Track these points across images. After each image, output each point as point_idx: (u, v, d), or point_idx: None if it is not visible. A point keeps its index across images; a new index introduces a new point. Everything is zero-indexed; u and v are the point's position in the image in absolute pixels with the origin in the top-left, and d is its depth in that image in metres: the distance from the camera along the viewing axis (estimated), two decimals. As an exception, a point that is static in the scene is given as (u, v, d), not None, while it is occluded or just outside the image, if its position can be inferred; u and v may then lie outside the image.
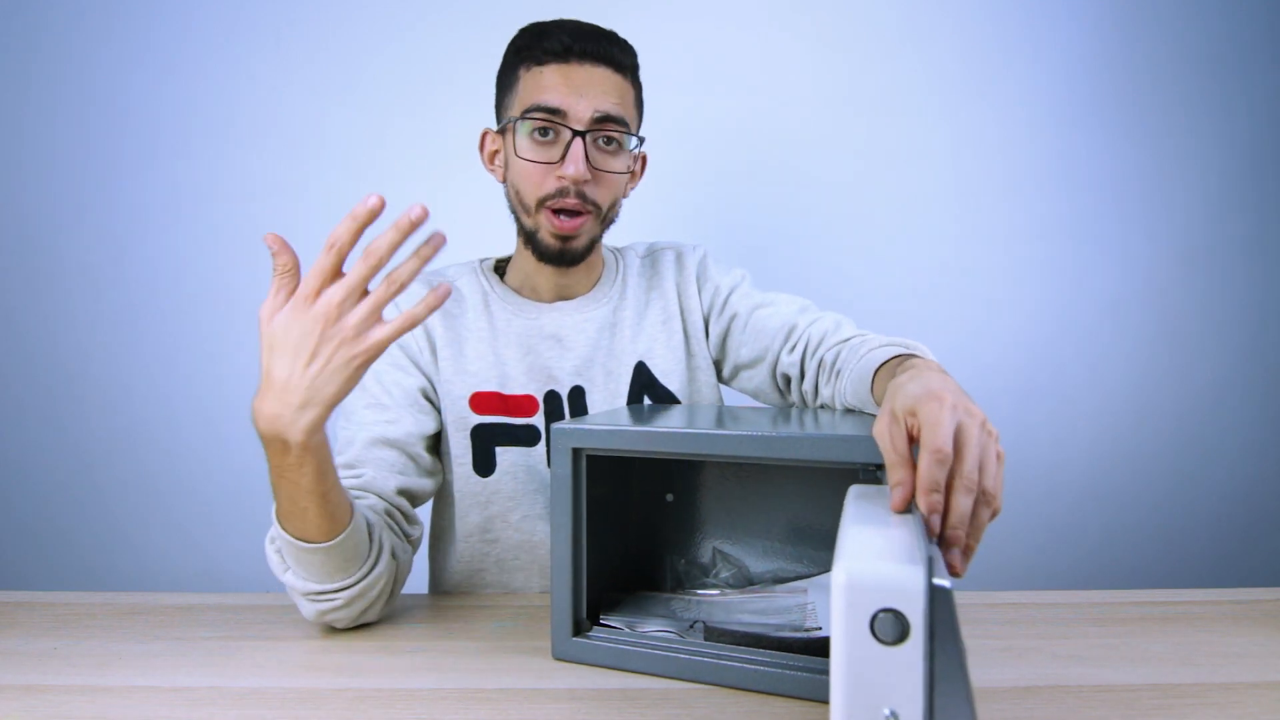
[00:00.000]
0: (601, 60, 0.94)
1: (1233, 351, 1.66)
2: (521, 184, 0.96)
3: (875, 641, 0.40)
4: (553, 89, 0.92)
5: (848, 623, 0.41)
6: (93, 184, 1.60)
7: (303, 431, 0.70)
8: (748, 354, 1.02)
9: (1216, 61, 1.62)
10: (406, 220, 0.65)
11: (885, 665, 0.40)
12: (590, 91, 0.93)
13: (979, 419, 0.57)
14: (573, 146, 0.92)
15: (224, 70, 1.59)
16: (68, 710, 0.67)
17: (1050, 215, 1.64)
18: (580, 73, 0.93)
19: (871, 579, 0.41)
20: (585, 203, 0.94)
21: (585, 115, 0.92)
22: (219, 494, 1.62)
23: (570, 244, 0.96)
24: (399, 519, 0.90)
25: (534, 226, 0.97)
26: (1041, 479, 1.66)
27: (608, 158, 0.96)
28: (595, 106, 0.92)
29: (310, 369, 0.68)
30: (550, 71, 0.93)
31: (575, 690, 0.69)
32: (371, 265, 0.67)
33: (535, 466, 0.99)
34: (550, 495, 0.68)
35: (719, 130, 1.61)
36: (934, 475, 0.53)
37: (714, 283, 1.07)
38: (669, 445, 0.69)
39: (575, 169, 0.92)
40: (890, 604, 0.40)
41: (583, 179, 0.92)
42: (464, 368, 1.00)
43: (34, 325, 1.62)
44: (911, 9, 1.61)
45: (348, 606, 0.80)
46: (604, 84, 0.94)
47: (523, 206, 0.97)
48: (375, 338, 0.68)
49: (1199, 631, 0.81)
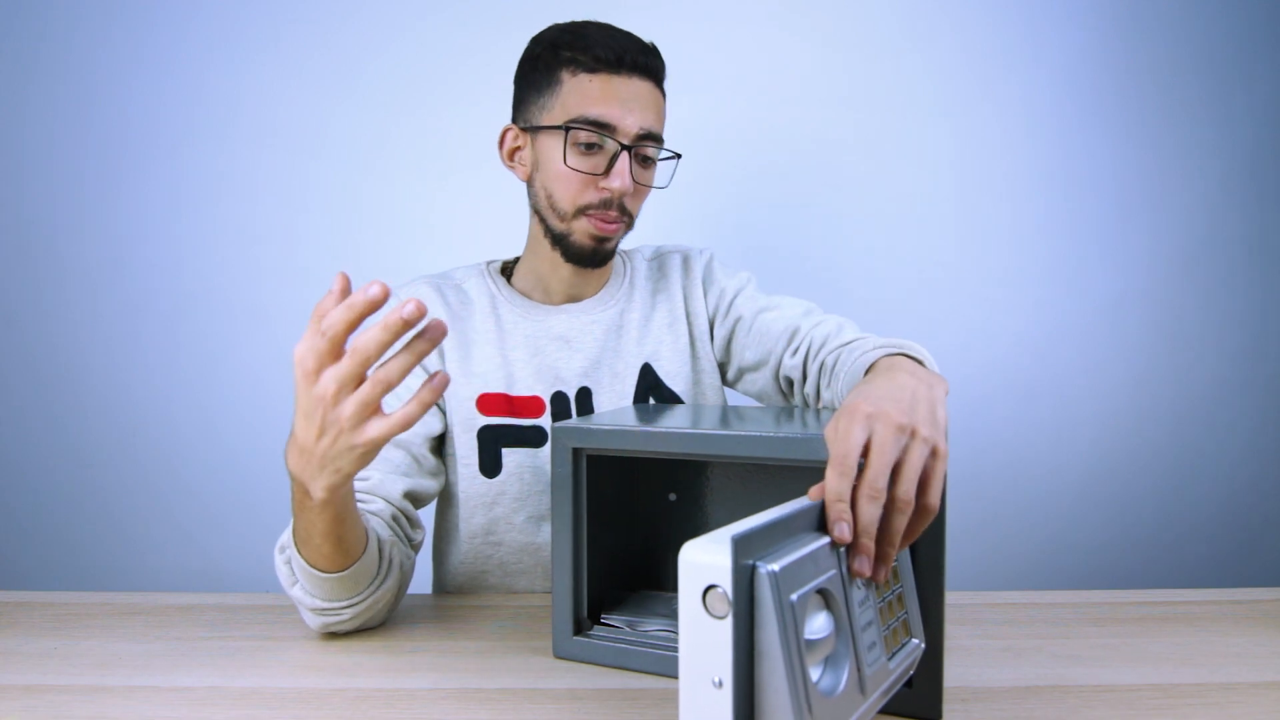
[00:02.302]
0: (647, 74, 0.95)
1: (1233, 351, 1.66)
2: (559, 190, 0.96)
3: (706, 614, 0.44)
4: (603, 101, 0.92)
5: (685, 596, 0.45)
6: (93, 184, 1.60)
7: (324, 490, 0.70)
8: (752, 357, 1.02)
9: (1216, 62, 1.62)
10: (398, 319, 0.61)
11: (715, 636, 0.44)
12: (636, 107, 0.93)
13: (895, 424, 0.55)
14: (620, 161, 0.93)
15: (224, 70, 1.59)
16: (68, 710, 0.67)
17: (1051, 215, 1.64)
18: (629, 86, 0.93)
19: (701, 557, 0.45)
20: (624, 214, 0.96)
21: (632, 130, 0.93)
22: (219, 494, 1.62)
23: (605, 245, 0.98)
24: (404, 524, 0.91)
25: (566, 230, 0.97)
26: (1041, 479, 1.66)
27: (646, 171, 0.98)
28: (641, 123, 0.93)
29: (320, 444, 0.67)
30: (600, 82, 0.93)
31: (576, 690, 0.69)
32: (360, 363, 0.63)
33: (542, 468, 0.99)
34: (552, 494, 0.68)
35: (723, 132, 1.61)
36: (836, 486, 0.53)
37: (719, 285, 1.07)
38: (668, 445, 0.69)
39: (622, 183, 0.93)
40: (714, 581, 0.44)
41: (629, 193, 0.94)
42: (471, 369, 1.00)
43: (34, 325, 1.62)
44: (913, 11, 1.61)
45: (353, 620, 0.81)
46: (648, 99, 0.95)
47: (556, 212, 0.97)
48: (371, 434, 0.65)
49: (1199, 631, 0.81)
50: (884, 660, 0.53)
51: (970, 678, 0.70)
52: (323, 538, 0.75)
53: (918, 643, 0.60)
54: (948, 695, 0.65)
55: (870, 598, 0.54)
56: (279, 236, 1.61)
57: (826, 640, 0.49)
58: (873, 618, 0.53)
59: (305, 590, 0.79)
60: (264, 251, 1.61)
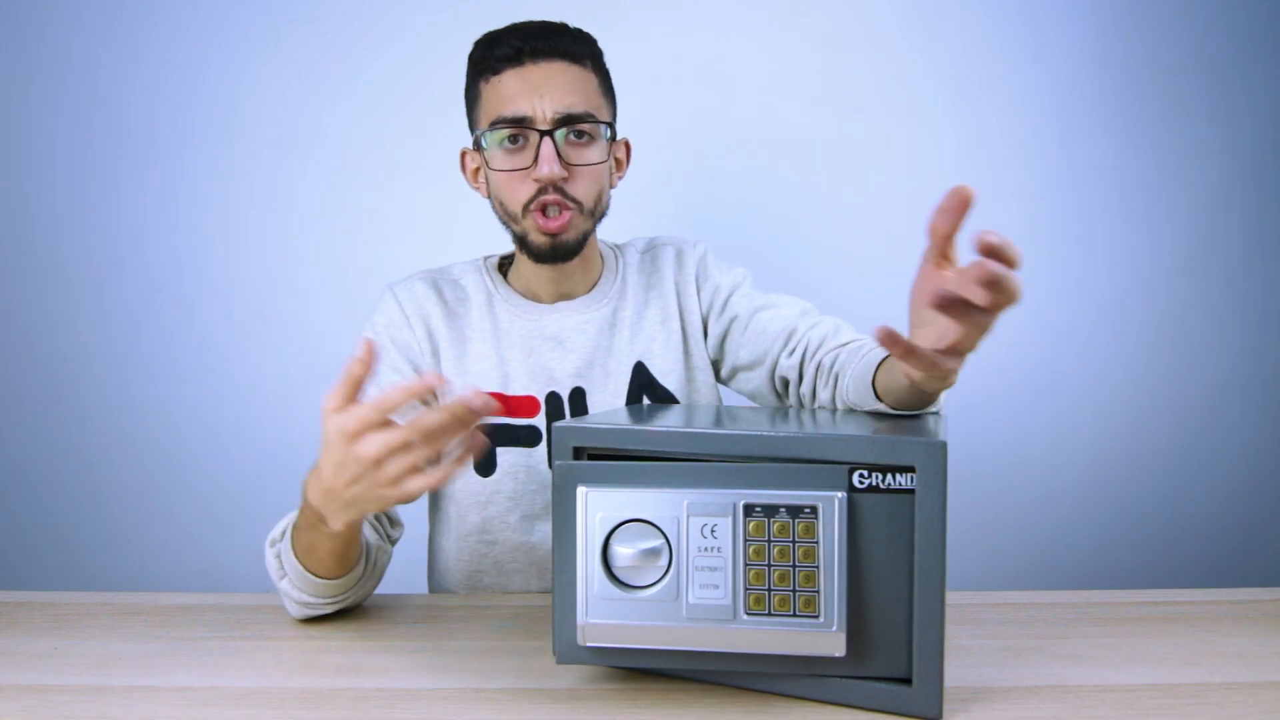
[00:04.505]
0: (556, 55, 0.94)
1: (1233, 351, 1.66)
2: (502, 194, 0.96)
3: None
4: (512, 96, 0.92)
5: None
6: (93, 184, 1.60)
7: (342, 524, 0.74)
8: (747, 356, 1.02)
9: (1217, 63, 1.62)
10: (468, 411, 0.65)
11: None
12: (549, 90, 0.92)
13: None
14: (542, 148, 0.92)
15: (224, 70, 1.59)
16: (68, 710, 0.67)
17: (1051, 216, 1.64)
18: (536, 73, 0.93)
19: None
20: (566, 199, 0.94)
21: (548, 114, 0.92)
22: (219, 494, 1.62)
23: (560, 239, 0.96)
24: (384, 523, 0.94)
25: (522, 231, 0.97)
26: (1041, 479, 1.66)
27: (581, 150, 0.95)
28: (555, 106, 0.92)
29: (350, 490, 0.69)
30: (507, 78, 0.93)
31: (575, 690, 0.69)
32: (417, 440, 0.66)
33: (536, 467, 0.99)
34: (552, 494, 0.69)
35: (721, 131, 1.61)
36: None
37: (714, 282, 1.07)
38: (669, 445, 0.70)
39: (549, 169, 0.92)
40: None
41: (558, 177, 0.93)
42: (467, 368, 1.00)
43: (35, 325, 1.62)
44: (912, 10, 1.61)
45: (332, 610, 0.86)
46: (562, 79, 0.93)
47: (508, 215, 0.98)
48: (409, 489, 0.67)
49: (1199, 631, 0.81)
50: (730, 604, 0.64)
51: (970, 678, 0.70)
52: (328, 554, 0.79)
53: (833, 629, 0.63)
54: (948, 695, 0.65)
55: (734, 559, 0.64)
56: (279, 236, 1.61)
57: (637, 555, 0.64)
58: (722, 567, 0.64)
59: (294, 585, 0.82)
60: (264, 251, 1.61)
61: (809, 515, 0.63)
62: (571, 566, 0.67)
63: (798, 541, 0.63)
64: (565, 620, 0.68)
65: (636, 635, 0.66)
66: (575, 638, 0.67)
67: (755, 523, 0.64)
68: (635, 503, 0.65)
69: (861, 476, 0.64)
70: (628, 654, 0.67)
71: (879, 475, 0.64)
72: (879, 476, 0.64)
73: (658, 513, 0.65)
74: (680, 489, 0.65)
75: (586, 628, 0.66)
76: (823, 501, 0.63)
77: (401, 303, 1.02)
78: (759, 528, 0.64)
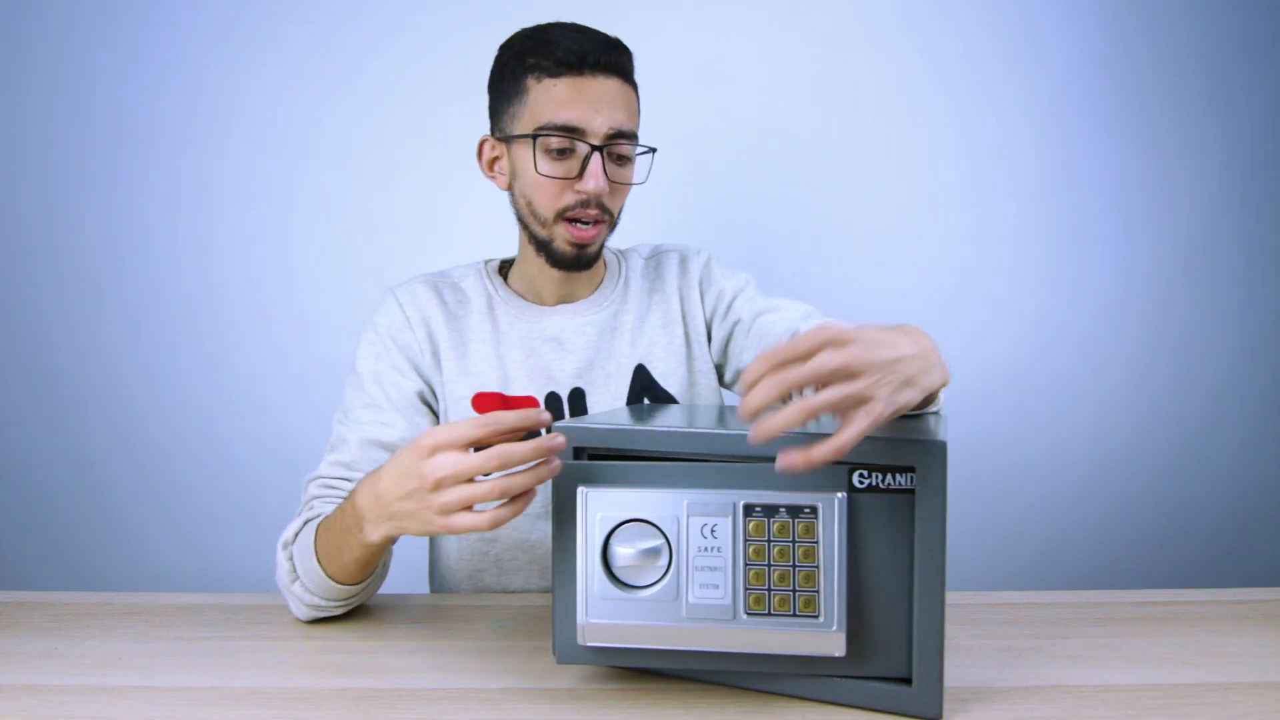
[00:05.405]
0: (613, 71, 0.94)
1: (1233, 351, 1.66)
2: (537, 197, 0.96)
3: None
4: (569, 105, 0.92)
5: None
6: (93, 184, 1.60)
7: (379, 536, 0.75)
8: (750, 359, 1.02)
9: (1217, 62, 1.62)
10: (549, 446, 0.66)
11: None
12: (604, 106, 0.92)
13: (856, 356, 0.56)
14: (592, 163, 0.92)
15: (224, 70, 1.59)
16: (68, 710, 0.67)
17: (1052, 216, 1.64)
18: (594, 86, 0.92)
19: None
20: (603, 213, 0.96)
21: (602, 130, 0.92)
22: (219, 494, 1.62)
23: (586, 250, 0.97)
24: None
25: (549, 236, 0.97)
26: (1041, 479, 1.66)
27: (622, 168, 0.97)
28: (610, 122, 0.92)
29: (399, 504, 0.70)
30: (564, 85, 0.92)
31: (575, 690, 0.69)
32: (490, 468, 0.65)
33: (536, 467, 1.00)
34: (552, 494, 0.69)
35: (722, 131, 1.61)
36: (754, 368, 0.58)
37: (717, 287, 1.07)
38: (669, 445, 0.70)
39: (596, 184, 0.92)
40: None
41: (604, 193, 0.93)
42: (467, 369, 1.01)
43: (34, 325, 1.62)
44: (913, 11, 1.61)
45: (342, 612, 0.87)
46: (616, 97, 0.94)
47: (537, 218, 0.97)
48: (457, 525, 0.67)
49: (1199, 631, 0.81)
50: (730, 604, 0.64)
51: (970, 678, 0.70)
52: (352, 560, 0.79)
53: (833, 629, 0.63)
54: (948, 695, 0.65)
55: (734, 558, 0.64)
56: (279, 236, 1.61)
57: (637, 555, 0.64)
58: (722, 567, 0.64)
59: (305, 588, 0.83)
60: (264, 251, 1.61)
61: (809, 515, 0.63)
62: (571, 566, 0.67)
63: (798, 541, 0.63)
64: (565, 620, 0.68)
65: (636, 635, 0.66)
66: (575, 638, 0.67)
67: (755, 523, 0.64)
68: (635, 503, 0.65)
69: (861, 476, 0.64)
70: (628, 654, 0.67)
71: (879, 475, 0.64)
72: (879, 476, 0.64)
73: (658, 513, 0.65)
74: (680, 489, 0.65)
75: (586, 628, 0.66)
76: (823, 501, 0.63)
77: (402, 304, 1.02)
78: (759, 528, 0.64)
